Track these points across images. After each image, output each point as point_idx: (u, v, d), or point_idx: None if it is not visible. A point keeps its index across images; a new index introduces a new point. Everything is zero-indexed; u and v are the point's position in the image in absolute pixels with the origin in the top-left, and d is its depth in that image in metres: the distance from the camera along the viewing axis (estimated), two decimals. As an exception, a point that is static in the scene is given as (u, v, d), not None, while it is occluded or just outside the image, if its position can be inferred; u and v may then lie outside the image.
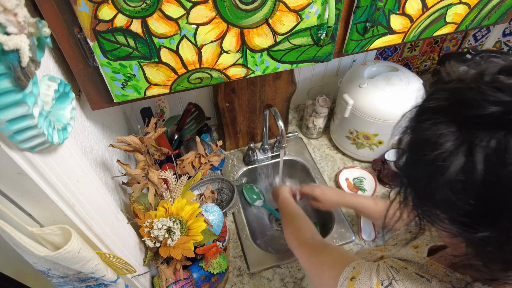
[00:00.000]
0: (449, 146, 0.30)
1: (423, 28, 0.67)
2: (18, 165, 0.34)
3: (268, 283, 0.88)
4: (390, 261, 0.45)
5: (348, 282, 0.45)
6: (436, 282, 0.40)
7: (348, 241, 0.96)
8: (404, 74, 1.03)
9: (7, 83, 0.28)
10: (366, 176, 1.12)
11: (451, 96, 0.32)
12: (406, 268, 0.43)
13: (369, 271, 0.44)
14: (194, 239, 0.67)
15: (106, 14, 0.45)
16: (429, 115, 0.33)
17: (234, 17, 0.50)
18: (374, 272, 0.44)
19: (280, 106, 1.13)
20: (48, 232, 0.42)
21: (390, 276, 0.42)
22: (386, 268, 0.44)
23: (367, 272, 0.44)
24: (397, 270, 0.43)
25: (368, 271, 0.45)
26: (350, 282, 0.45)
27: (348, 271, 0.47)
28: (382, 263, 0.45)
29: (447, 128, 0.31)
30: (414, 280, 0.41)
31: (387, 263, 0.45)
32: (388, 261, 0.45)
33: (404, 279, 0.41)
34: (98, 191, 0.54)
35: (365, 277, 0.44)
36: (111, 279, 0.54)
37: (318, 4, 0.54)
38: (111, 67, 0.51)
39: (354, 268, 0.47)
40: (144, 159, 0.67)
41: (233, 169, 1.16)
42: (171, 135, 1.05)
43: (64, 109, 0.42)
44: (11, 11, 0.26)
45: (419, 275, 0.41)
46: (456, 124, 0.31)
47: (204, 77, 0.57)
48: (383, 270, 0.43)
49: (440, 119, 0.32)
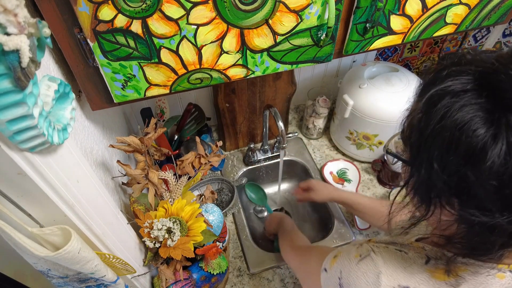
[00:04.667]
0: (482, 133, 0.29)
1: (423, 29, 0.67)
2: (18, 165, 0.34)
3: (268, 283, 0.88)
4: (372, 242, 0.47)
5: (331, 259, 0.49)
6: (413, 253, 0.42)
7: (348, 242, 0.96)
8: (404, 74, 1.03)
9: (7, 83, 0.28)
10: (348, 167, 1.15)
11: (478, 79, 0.31)
12: (387, 247, 0.45)
13: (349, 249, 0.48)
14: (194, 240, 0.67)
15: (106, 15, 0.45)
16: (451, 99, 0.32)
17: (234, 18, 0.50)
18: (354, 249, 0.47)
19: (280, 106, 1.13)
20: (48, 232, 0.42)
21: (369, 250, 0.45)
22: (367, 246, 0.46)
23: (348, 250, 0.48)
24: (377, 248, 0.45)
25: (348, 249, 0.48)
26: (333, 259, 0.49)
27: (332, 253, 0.51)
28: (364, 244, 0.47)
29: (475, 112, 0.30)
30: (392, 253, 0.43)
31: (370, 244, 0.47)
32: (371, 242, 0.48)
33: (382, 252, 0.44)
34: (98, 191, 0.54)
35: (346, 253, 0.47)
36: (111, 280, 0.54)
37: (318, 4, 0.54)
38: (111, 67, 0.51)
39: (338, 251, 0.50)
40: (144, 160, 0.67)
41: (233, 170, 1.16)
42: (171, 135, 1.05)
43: (64, 110, 0.42)
44: (11, 11, 0.26)
45: (398, 250, 0.43)
46: (486, 109, 0.30)
47: (204, 78, 0.57)
48: (364, 247, 0.46)
49: (466, 102, 0.31)
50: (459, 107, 0.31)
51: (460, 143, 0.31)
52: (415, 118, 0.36)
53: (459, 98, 0.31)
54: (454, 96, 0.32)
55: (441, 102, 0.32)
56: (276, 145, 1.17)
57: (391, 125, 0.99)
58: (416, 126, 0.36)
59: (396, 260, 0.42)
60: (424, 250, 0.42)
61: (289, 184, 1.26)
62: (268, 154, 1.17)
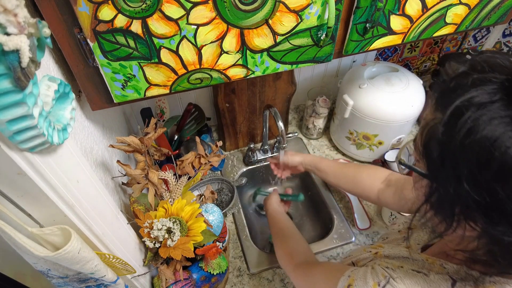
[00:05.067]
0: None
1: (423, 29, 0.67)
2: (18, 165, 0.34)
3: (268, 283, 0.88)
4: (384, 262, 0.45)
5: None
6: (434, 275, 0.39)
7: (348, 242, 0.96)
8: (404, 74, 1.03)
9: (7, 83, 0.28)
10: None
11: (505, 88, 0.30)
12: (402, 267, 0.43)
13: (364, 276, 0.44)
14: (194, 240, 0.67)
15: (106, 15, 0.45)
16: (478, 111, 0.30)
17: (234, 18, 0.50)
18: (369, 275, 0.43)
19: (280, 106, 1.13)
20: (48, 232, 0.42)
21: (386, 276, 0.42)
22: (381, 269, 0.43)
23: (363, 277, 0.44)
24: (393, 270, 0.42)
25: (363, 276, 0.44)
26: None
27: (344, 280, 0.46)
28: (376, 266, 0.44)
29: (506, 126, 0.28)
30: (412, 276, 0.40)
31: (382, 265, 0.44)
32: (382, 262, 0.45)
33: (402, 276, 0.41)
34: (98, 191, 0.54)
35: (361, 282, 0.43)
36: (111, 280, 0.54)
37: (318, 4, 0.54)
38: (111, 67, 0.51)
39: (349, 277, 0.46)
40: (144, 160, 0.67)
41: (233, 170, 1.16)
42: (171, 135, 1.06)
43: (64, 110, 0.42)
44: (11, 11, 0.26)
45: (416, 271, 0.41)
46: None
47: (204, 78, 0.57)
48: (379, 271, 0.43)
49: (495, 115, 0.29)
50: (488, 120, 0.29)
51: (492, 160, 0.29)
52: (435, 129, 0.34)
53: (486, 110, 0.30)
54: (481, 108, 0.30)
55: (467, 114, 0.30)
56: (276, 145, 1.17)
57: (391, 125, 0.99)
58: (438, 138, 0.33)
59: (419, 286, 0.39)
60: (444, 268, 0.40)
61: (289, 184, 1.26)
62: (268, 154, 1.17)
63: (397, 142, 1.07)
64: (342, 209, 1.04)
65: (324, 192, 1.09)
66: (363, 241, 0.96)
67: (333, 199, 1.07)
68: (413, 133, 1.27)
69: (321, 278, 0.54)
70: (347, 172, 0.81)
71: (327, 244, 0.96)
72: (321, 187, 1.11)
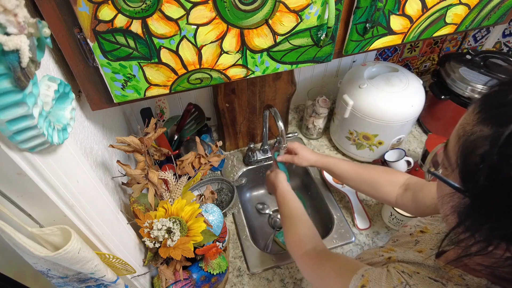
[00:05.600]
0: None
1: (423, 29, 0.67)
2: (18, 166, 0.34)
3: (268, 283, 0.88)
4: (400, 266, 0.43)
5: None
6: (452, 286, 0.38)
7: (348, 242, 0.96)
8: (404, 74, 1.03)
9: (7, 83, 0.28)
10: None
11: None
12: (418, 273, 0.41)
13: (379, 278, 0.42)
14: (194, 240, 0.67)
15: (106, 15, 0.45)
16: None
17: (234, 18, 0.50)
18: (385, 279, 0.42)
19: (280, 106, 1.13)
20: (48, 232, 0.42)
21: (403, 282, 0.40)
22: (397, 273, 0.41)
23: (377, 280, 0.42)
24: (409, 275, 0.41)
25: (378, 278, 0.42)
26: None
27: (357, 279, 0.45)
28: (392, 269, 0.43)
29: None
30: (428, 285, 0.39)
31: (397, 268, 0.42)
32: (398, 266, 0.43)
33: (418, 283, 0.39)
34: (98, 191, 0.54)
35: (376, 284, 0.42)
36: (111, 280, 0.54)
37: (318, 4, 0.54)
38: (111, 67, 0.51)
39: (363, 276, 0.45)
40: (144, 160, 0.67)
41: (233, 170, 1.16)
42: (171, 135, 1.06)
43: (64, 110, 0.42)
44: (11, 11, 0.26)
45: (433, 279, 0.39)
46: None
47: (204, 78, 0.57)
48: (394, 275, 0.41)
49: None
50: None
51: None
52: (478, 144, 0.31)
53: None
54: None
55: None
56: (276, 145, 1.17)
57: (391, 125, 0.99)
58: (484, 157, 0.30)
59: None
60: (463, 279, 0.38)
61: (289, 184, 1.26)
62: (268, 154, 1.17)
63: (397, 142, 1.07)
64: (342, 209, 1.04)
65: (324, 192, 1.09)
66: (363, 241, 0.96)
67: (333, 199, 1.07)
68: (413, 133, 1.27)
69: (332, 272, 0.53)
70: (366, 178, 0.80)
71: (327, 244, 0.95)
72: (321, 187, 1.11)
